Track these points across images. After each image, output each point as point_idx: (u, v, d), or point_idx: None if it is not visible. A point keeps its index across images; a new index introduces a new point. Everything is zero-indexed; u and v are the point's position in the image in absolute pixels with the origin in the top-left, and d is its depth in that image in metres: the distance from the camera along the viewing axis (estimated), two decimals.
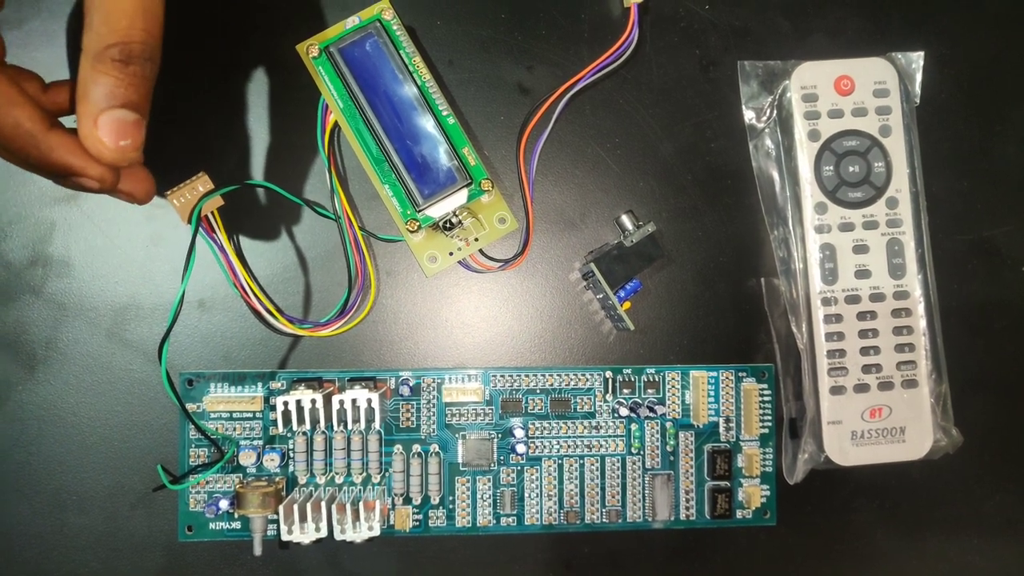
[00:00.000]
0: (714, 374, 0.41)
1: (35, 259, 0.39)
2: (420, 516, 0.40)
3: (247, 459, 0.39)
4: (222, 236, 0.38)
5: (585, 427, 0.41)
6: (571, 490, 0.41)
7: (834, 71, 0.40)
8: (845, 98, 0.40)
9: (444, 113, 0.38)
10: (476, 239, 0.39)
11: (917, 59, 0.42)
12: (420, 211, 0.38)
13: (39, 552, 0.39)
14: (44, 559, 0.39)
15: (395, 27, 0.38)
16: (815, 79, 0.40)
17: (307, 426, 0.38)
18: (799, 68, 0.40)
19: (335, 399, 0.38)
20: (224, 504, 0.39)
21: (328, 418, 0.38)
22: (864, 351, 0.40)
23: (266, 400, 0.39)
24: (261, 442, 0.39)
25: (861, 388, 0.40)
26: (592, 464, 0.41)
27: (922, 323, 0.41)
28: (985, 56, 0.43)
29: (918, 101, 0.42)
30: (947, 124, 0.43)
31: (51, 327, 0.39)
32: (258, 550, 0.38)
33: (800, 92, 0.40)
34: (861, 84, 0.40)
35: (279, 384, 0.40)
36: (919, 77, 0.42)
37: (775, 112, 0.41)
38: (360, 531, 0.37)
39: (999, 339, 0.43)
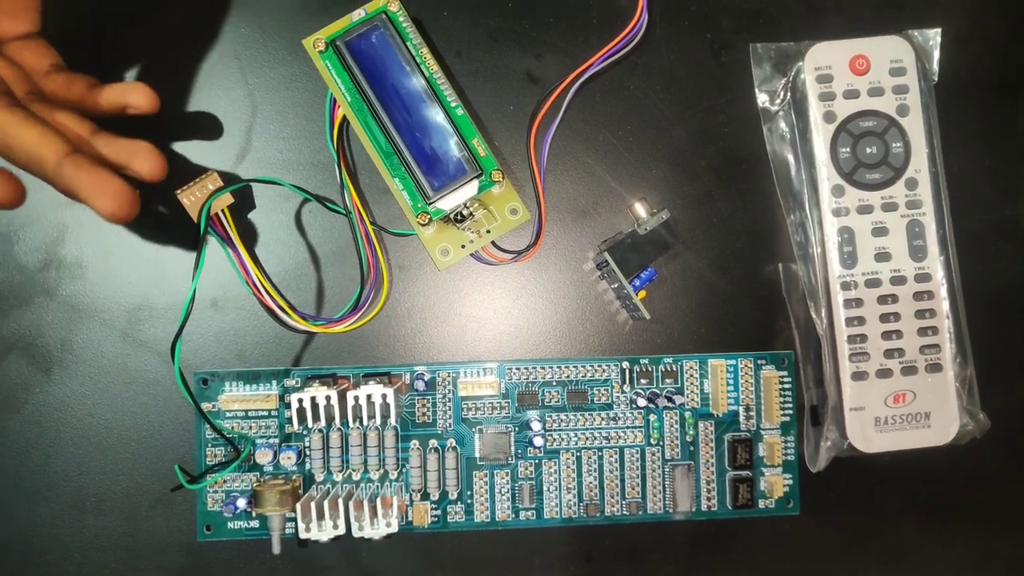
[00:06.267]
0: (733, 362, 0.41)
1: (48, 262, 0.39)
2: (438, 511, 0.40)
3: (264, 457, 0.39)
4: (233, 234, 0.38)
5: (603, 419, 0.40)
6: (590, 482, 0.40)
7: (849, 51, 0.40)
8: (861, 78, 0.40)
9: (453, 104, 0.38)
10: (488, 231, 0.39)
11: (934, 36, 0.41)
12: (431, 204, 0.38)
13: (60, 554, 0.40)
14: (65, 561, 0.40)
15: (401, 19, 0.38)
16: (829, 59, 0.40)
17: (323, 423, 0.38)
18: (813, 49, 0.40)
19: (350, 395, 0.37)
20: (242, 503, 0.39)
21: (343, 415, 0.38)
22: (886, 335, 0.39)
23: (281, 398, 0.39)
24: (277, 440, 0.39)
25: (884, 373, 0.39)
26: (611, 456, 0.40)
27: (945, 305, 0.40)
28: (1004, 31, 0.42)
29: (936, 79, 0.41)
30: (966, 102, 0.42)
31: (66, 329, 0.39)
32: (277, 548, 0.37)
33: (814, 73, 0.40)
34: (877, 63, 0.40)
35: (294, 381, 0.39)
36: (936, 54, 0.41)
37: (789, 94, 0.41)
38: (378, 528, 0.37)
39: None
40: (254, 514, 0.39)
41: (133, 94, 0.34)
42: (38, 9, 0.34)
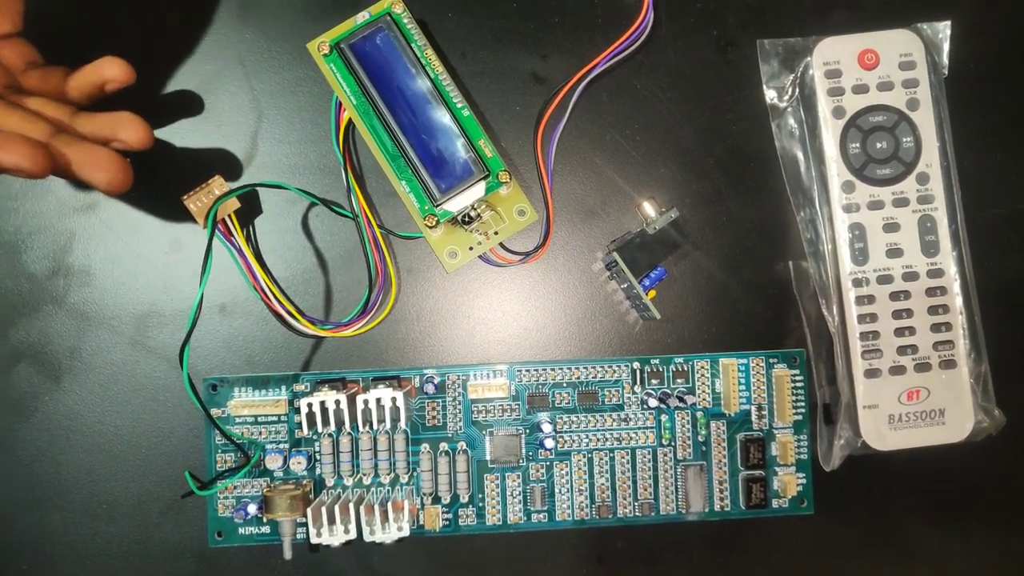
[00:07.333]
0: (744, 361, 0.40)
1: (56, 269, 0.39)
2: (450, 515, 0.40)
3: (274, 463, 0.38)
4: (240, 239, 0.38)
5: (614, 420, 0.40)
6: (602, 484, 0.40)
7: (857, 45, 0.39)
8: (870, 72, 0.39)
9: (459, 105, 0.38)
10: (496, 232, 0.39)
11: (944, 29, 0.40)
12: (438, 206, 0.37)
13: (72, 562, 0.39)
14: (77, 568, 0.40)
15: (406, 20, 0.37)
16: (838, 54, 0.39)
17: (332, 427, 0.38)
18: (821, 44, 0.39)
19: (359, 399, 0.37)
20: (253, 509, 0.39)
21: (353, 419, 0.38)
22: (899, 332, 0.39)
23: (290, 403, 0.39)
24: (287, 445, 0.39)
25: (897, 370, 0.39)
26: (623, 457, 0.40)
27: (958, 301, 0.39)
28: (1014, 23, 0.41)
29: (946, 72, 0.40)
30: (977, 95, 0.41)
31: (75, 336, 0.39)
32: (288, 554, 0.37)
33: (823, 68, 0.39)
34: (886, 57, 0.39)
35: (303, 386, 0.39)
36: (946, 47, 0.40)
37: (797, 90, 0.40)
38: (390, 532, 0.37)
39: None
40: (265, 520, 0.39)
41: (106, 67, 0.34)
42: (20, 11, 0.34)
